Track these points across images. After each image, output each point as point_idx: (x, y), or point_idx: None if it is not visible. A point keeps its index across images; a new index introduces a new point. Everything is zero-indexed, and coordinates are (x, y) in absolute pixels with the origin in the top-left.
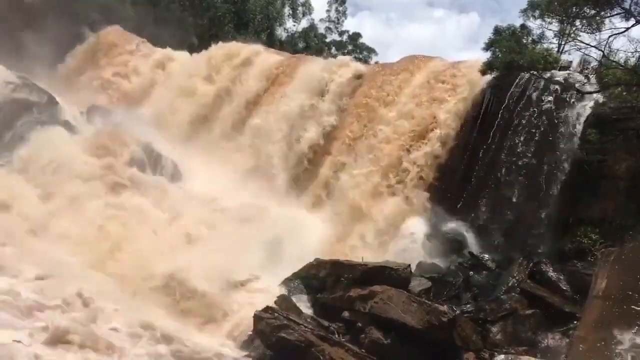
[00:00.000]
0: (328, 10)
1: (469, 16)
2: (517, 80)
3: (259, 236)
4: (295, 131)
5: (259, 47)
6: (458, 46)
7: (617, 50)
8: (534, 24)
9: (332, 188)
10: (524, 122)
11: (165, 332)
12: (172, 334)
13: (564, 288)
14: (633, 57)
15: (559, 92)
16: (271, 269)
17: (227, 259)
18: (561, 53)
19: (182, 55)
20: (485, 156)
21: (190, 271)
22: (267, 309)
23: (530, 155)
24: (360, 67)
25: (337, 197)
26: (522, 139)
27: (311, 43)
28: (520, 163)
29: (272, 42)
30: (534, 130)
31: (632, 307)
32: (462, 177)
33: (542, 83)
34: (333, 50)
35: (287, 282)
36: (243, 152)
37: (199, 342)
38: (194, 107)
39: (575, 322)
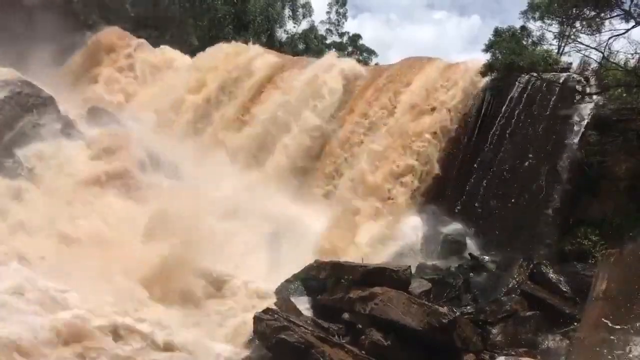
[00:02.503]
0: (328, 12)
1: (469, 18)
2: (517, 82)
3: (259, 236)
4: (294, 130)
5: (258, 48)
6: (458, 48)
7: (617, 51)
8: (534, 26)
9: (331, 188)
10: (523, 123)
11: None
12: (172, 335)
13: (565, 289)
14: (633, 58)
15: (559, 93)
16: (271, 270)
17: (227, 259)
18: (561, 55)
19: (182, 57)
20: (485, 157)
21: (190, 272)
22: (267, 310)
23: (530, 156)
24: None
25: (337, 197)
26: (522, 140)
27: (311, 44)
28: (520, 164)
29: (272, 43)
30: (533, 132)
31: (633, 308)
32: (462, 178)
33: (542, 84)
34: (333, 51)
35: (287, 283)
36: (244, 151)
37: (199, 343)
38: (194, 107)
39: (575, 323)
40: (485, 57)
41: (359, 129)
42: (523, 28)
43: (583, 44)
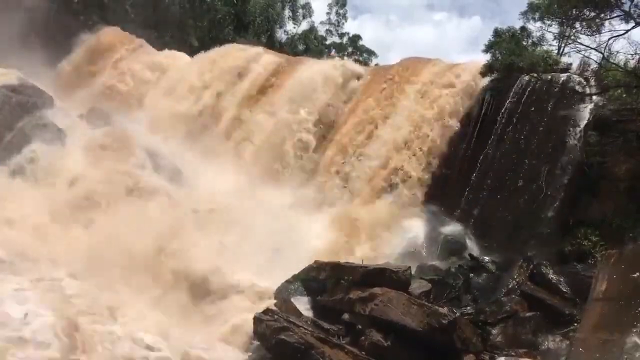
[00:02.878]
0: (328, 13)
1: (469, 19)
2: (517, 83)
3: (258, 237)
4: (293, 132)
5: (259, 49)
6: (458, 49)
7: (617, 52)
8: (534, 26)
9: (331, 190)
10: (523, 124)
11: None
12: (172, 336)
13: (564, 290)
14: (633, 59)
15: (559, 94)
16: (271, 271)
17: (227, 261)
18: (561, 55)
19: (182, 57)
20: (485, 158)
21: (192, 274)
22: (267, 311)
23: (530, 157)
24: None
25: (336, 199)
26: (521, 140)
27: (311, 45)
28: (520, 165)
29: (272, 44)
30: (533, 133)
31: (633, 309)
32: (462, 179)
33: (542, 85)
34: (333, 52)
35: (287, 284)
36: (243, 152)
37: (199, 344)
38: (193, 108)
39: (575, 324)
40: (485, 58)
41: (357, 129)
42: (523, 29)
43: (583, 45)
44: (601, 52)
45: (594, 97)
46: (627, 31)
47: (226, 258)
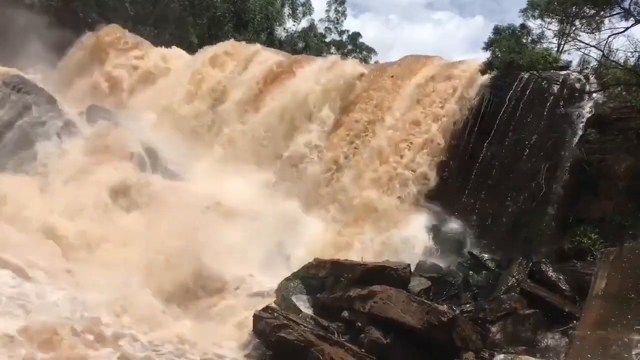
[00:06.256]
0: (327, 10)
1: (472, 18)
2: (517, 80)
3: (258, 235)
4: (294, 129)
5: (258, 47)
6: (458, 47)
7: (617, 50)
8: (534, 24)
9: (331, 188)
10: (523, 121)
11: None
12: (171, 334)
13: (564, 288)
14: (632, 57)
15: (559, 92)
16: (270, 269)
17: (227, 258)
18: (561, 53)
19: (182, 55)
20: (485, 156)
21: (191, 271)
22: (267, 308)
23: (529, 155)
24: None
25: (336, 197)
26: (521, 138)
27: (311, 43)
28: (519, 163)
29: (271, 41)
30: (533, 130)
31: (632, 306)
32: (462, 176)
33: (542, 83)
34: (332, 50)
35: (286, 282)
36: (242, 151)
37: (198, 342)
38: (192, 106)
39: (574, 321)
40: (485, 56)
41: (358, 127)
42: (523, 26)
43: (583, 42)
44: (601, 50)
45: (594, 95)
46: (627, 29)
47: (226, 255)
